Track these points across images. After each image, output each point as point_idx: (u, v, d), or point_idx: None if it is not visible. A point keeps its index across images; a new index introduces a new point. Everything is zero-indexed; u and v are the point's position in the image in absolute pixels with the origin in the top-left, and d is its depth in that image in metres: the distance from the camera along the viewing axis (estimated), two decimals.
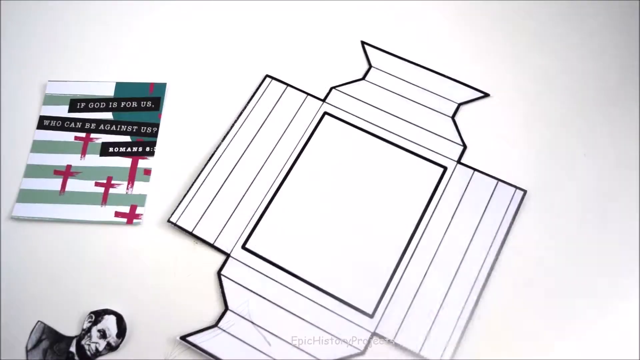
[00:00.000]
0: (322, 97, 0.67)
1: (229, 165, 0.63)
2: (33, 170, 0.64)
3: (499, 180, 0.61)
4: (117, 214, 0.61)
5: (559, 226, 0.60)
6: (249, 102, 0.67)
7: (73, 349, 0.56)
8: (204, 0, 0.73)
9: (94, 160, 0.65)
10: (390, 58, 0.69)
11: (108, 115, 0.67)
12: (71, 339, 0.56)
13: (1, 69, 0.70)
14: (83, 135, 0.66)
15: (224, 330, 0.55)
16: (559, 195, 0.61)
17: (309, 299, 0.57)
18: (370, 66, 0.68)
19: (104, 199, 0.62)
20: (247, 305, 0.55)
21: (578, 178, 0.62)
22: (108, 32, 0.72)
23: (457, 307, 0.56)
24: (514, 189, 0.61)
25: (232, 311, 0.56)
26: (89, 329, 0.56)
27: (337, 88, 0.67)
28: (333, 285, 0.57)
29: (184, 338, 0.55)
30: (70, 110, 0.67)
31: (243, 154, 0.64)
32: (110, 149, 0.65)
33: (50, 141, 0.66)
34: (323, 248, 0.59)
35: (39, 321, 0.57)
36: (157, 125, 0.66)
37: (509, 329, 0.55)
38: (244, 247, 0.59)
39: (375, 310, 0.56)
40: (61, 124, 0.66)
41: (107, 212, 0.62)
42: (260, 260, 0.59)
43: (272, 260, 0.58)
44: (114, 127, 0.66)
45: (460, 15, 0.71)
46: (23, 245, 0.60)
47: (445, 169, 0.62)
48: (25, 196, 0.63)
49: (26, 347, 0.56)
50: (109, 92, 0.68)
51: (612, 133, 0.64)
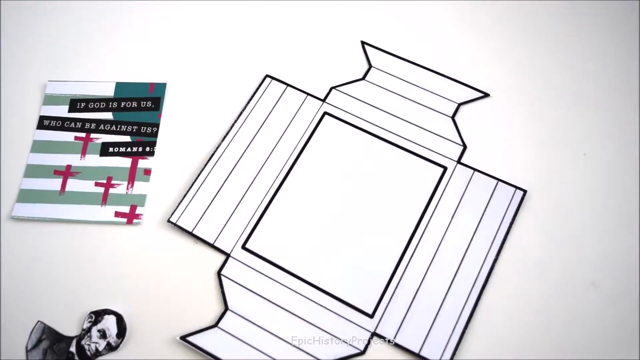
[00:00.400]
0: (322, 97, 0.67)
1: (229, 165, 0.63)
2: (33, 170, 0.64)
3: (499, 180, 0.61)
4: (117, 214, 0.61)
5: (559, 226, 0.60)
6: (249, 102, 0.67)
7: (73, 349, 0.55)
8: (204, 0, 0.73)
9: (94, 160, 0.65)
10: (390, 58, 0.69)
11: (108, 115, 0.67)
12: (71, 339, 0.56)
13: (1, 69, 0.70)
14: (83, 135, 0.66)
15: (224, 330, 0.55)
16: (559, 195, 0.61)
17: (309, 299, 0.56)
18: (370, 66, 0.68)
19: (104, 199, 0.62)
20: None
21: (578, 178, 0.62)
22: (108, 32, 0.72)
23: (457, 307, 0.56)
24: (514, 189, 0.61)
25: (232, 311, 0.56)
26: (89, 329, 0.56)
27: (337, 88, 0.67)
28: (333, 285, 0.57)
29: (184, 338, 0.55)
30: (70, 110, 0.67)
31: (243, 154, 0.64)
32: (110, 149, 0.65)
33: (50, 141, 0.66)
34: (323, 248, 0.59)
35: (39, 321, 0.57)
36: (157, 125, 0.66)
37: (509, 329, 0.55)
38: (244, 247, 0.59)
39: (375, 310, 0.56)
40: (61, 124, 0.66)
41: (107, 212, 0.61)
42: (260, 260, 0.58)
43: (272, 260, 0.58)
44: (114, 127, 0.66)
45: (460, 15, 0.71)
46: (23, 245, 0.60)
47: (445, 169, 0.62)
48: (25, 196, 0.63)
49: (26, 347, 0.56)
50: (109, 92, 0.68)
51: (612, 133, 0.64)
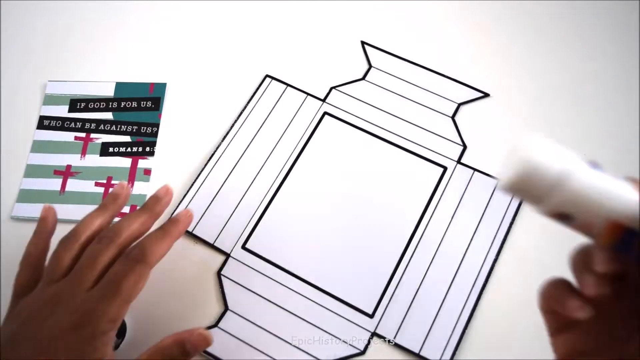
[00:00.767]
0: (322, 97, 0.67)
1: (229, 165, 0.63)
2: (33, 170, 0.64)
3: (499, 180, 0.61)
4: (117, 214, 0.61)
5: (559, 227, 0.59)
6: (248, 102, 0.67)
7: None
8: (203, 0, 0.73)
9: (94, 160, 0.64)
10: (390, 58, 0.69)
11: (108, 115, 0.67)
12: None
13: (1, 69, 0.70)
14: (83, 135, 0.66)
15: (223, 330, 0.55)
16: None
17: (308, 298, 0.56)
18: (370, 66, 0.68)
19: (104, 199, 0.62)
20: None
21: None
22: (108, 32, 0.72)
23: (457, 307, 0.56)
24: None
25: (232, 311, 0.56)
26: None
27: (337, 88, 0.67)
28: (333, 285, 0.57)
29: None
30: (70, 110, 0.67)
31: (243, 154, 0.64)
32: (110, 149, 0.65)
33: (50, 141, 0.66)
34: (323, 248, 0.59)
35: None
36: (157, 125, 0.66)
37: (509, 329, 0.55)
38: (244, 247, 0.59)
39: (375, 310, 0.56)
40: (61, 124, 0.66)
41: None
42: (260, 260, 0.58)
43: (272, 260, 0.58)
44: (114, 127, 0.66)
45: (460, 15, 0.71)
46: (23, 245, 0.60)
47: (445, 169, 0.62)
48: (25, 196, 0.63)
49: None
50: (109, 92, 0.68)
51: (613, 134, 0.64)
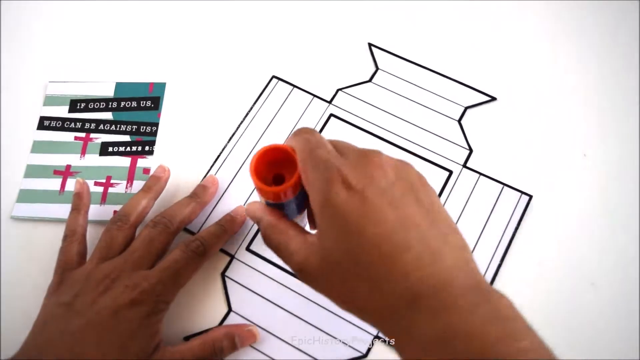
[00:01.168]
0: (329, 99, 0.66)
1: (234, 166, 0.63)
2: (33, 170, 0.63)
3: (505, 184, 0.61)
4: (116, 213, 0.60)
5: (564, 232, 0.59)
6: (255, 103, 0.66)
7: None
8: (206, 0, 0.73)
9: (94, 159, 0.64)
10: (397, 60, 0.69)
11: (108, 115, 0.66)
12: None
13: (2, 69, 0.70)
14: (83, 135, 0.65)
15: None
16: (565, 201, 0.61)
17: (311, 300, 0.56)
18: (377, 68, 0.68)
19: (103, 198, 0.61)
20: None
21: (585, 184, 0.62)
22: (108, 32, 0.72)
23: None
24: (519, 193, 0.61)
25: (236, 312, 0.56)
26: None
27: (344, 90, 0.67)
28: None
29: (187, 339, 0.54)
30: (70, 111, 0.66)
31: (249, 155, 0.63)
32: (110, 149, 0.64)
33: (50, 141, 0.65)
34: None
35: None
36: (157, 125, 0.65)
37: None
38: (248, 249, 0.59)
39: None
40: (61, 125, 0.66)
41: (106, 212, 0.61)
42: (263, 262, 0.58)
43: (276, 261, 0.58)
44: (113, 127, 0.65)
45: (467, 17, 0.71)
46: (23, 245, 0.60)
47: (450, 172, 0.62)
48: (25, 196, 0.62)
49: None
50: (109, 92, 0.67)
51: (620, 137, 0.64)
